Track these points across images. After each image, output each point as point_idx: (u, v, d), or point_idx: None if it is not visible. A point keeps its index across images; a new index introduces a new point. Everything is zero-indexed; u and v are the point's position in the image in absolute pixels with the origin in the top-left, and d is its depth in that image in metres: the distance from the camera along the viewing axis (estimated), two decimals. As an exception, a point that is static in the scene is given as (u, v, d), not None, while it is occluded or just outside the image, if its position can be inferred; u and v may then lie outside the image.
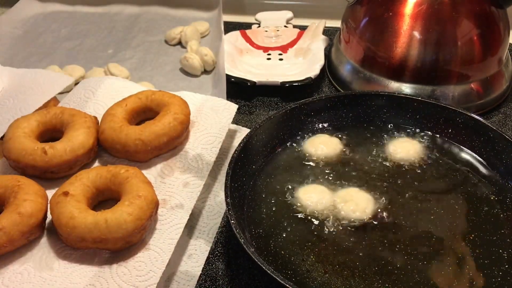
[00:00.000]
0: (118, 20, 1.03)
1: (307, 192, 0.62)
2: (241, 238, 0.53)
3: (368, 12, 0.80)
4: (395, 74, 0.77)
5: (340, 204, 0.61)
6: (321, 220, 0.59)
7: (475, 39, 0.76)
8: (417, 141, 0.69)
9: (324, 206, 0.61)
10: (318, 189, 0.63)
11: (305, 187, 0.63)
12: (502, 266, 0.55)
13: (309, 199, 0.61)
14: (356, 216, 0.59)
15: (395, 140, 0.69)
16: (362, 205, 0.60)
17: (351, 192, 0.62)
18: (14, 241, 0.55)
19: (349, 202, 0.60)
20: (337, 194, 0.62)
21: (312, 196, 0.62)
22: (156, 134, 0.64)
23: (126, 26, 1.01)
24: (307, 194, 0.62)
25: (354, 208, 0.60)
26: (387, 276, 0.54)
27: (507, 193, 0.62)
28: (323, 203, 0.61)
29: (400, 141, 0.69)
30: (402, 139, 0.69)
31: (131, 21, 1.02)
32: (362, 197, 0.61)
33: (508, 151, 0.64)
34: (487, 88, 0.79)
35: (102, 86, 0.75)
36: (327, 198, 0.61)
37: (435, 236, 0.58)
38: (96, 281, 0.53)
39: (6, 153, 0.64)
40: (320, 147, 0.68)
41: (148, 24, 1.02)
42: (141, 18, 1.03)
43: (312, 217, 0.60)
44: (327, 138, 0.69)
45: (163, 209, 0.60)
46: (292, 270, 0.55)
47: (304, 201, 0.61)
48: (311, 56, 0.88)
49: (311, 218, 0.60)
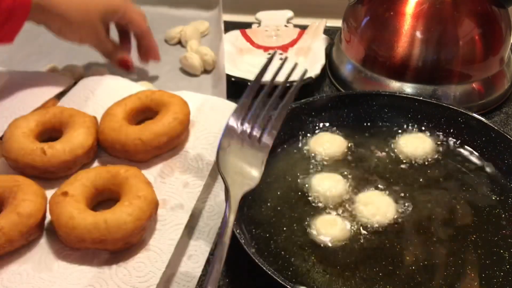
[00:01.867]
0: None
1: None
2: (242, 239, 0.52)
3: (369, 12, 0.80)
4: (396, 74, 0.77)
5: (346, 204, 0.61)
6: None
7: (476, 38, 0.75)
8: (417, 138, 0.68)
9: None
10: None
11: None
12: (504, 267, 0.55)
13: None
14: (358, 218, 0.59)
15: (395, 140, 0.68)
16: (379, 208, 0.60)
17: (369, 194, 0.62)
18: (13, 242, 0.55)
19: (361, 203, 0.60)
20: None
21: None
22: (156, 134, 0.64)
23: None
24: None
25: (359, 209, 0.60)
26: (388, 277, 0.54)
27: (508, 193, 0.62)
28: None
29: (400, 141, 0.68)
30: (403, 138, 0.68)
31: (131, 21, 1.02)
32: (377, 199, 0.61)
33: (510, 151, 0.63)
34: (488, 87, 0.79)
35: (102, 86, 0.75)
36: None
37: (435, 236, 0.58)
38: (95, 282, 0.53)
39: (5, 153, 0.64)
40: (322, 146, 0.67)
41: (148, 23, 1.01)
42: (141, 17, 1.03)
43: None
44: (331, 136, 0.69)
45: (163, 210, 0.60)
46: (292, 270, 0.55)
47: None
48: (311, 56, 0.87)
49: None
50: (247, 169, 0.56)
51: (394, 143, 0.68)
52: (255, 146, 0.57)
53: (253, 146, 0.57)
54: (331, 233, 0.57)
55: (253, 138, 0.58)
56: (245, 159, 0.56)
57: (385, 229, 0.58)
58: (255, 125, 0.59)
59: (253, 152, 0.57)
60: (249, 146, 0.57)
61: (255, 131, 0.58)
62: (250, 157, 0.56)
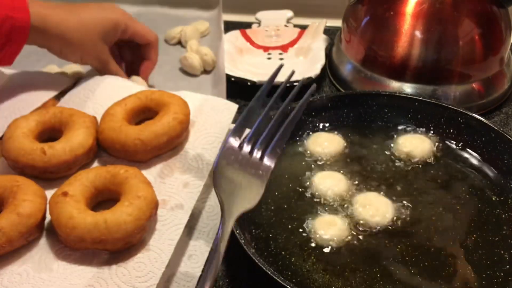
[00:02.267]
0: (118, 20, 1.03)
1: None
2: (242, 239, 0.52)
3: (369, 12, 0.80)
4: (396, 74, 0.77)
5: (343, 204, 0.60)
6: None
7: (476, 38, 0.75)
8: (417, 138, 0.68)
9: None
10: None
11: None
12: (504, 267, 0.55)
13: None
14: (357, 219, 0.59)
15: (395, 140, 0.68)
16: (378, 209, 0.60)
17: (367, 196, 0.62)
18: (13, 242, 0.55)
19: (360, 205, 0.60)
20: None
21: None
22: (155, 134, 0.64)
23: (126, 26, 1.01)
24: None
25: (358, 211, 0.60)
26: (388, 277, 0.54)
27: (508, 194, 0.62)
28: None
29: (400, 140, 0.68)
30: (402, 138, 0.68)
31: (131, 21, 1.02)
32: (376, 200, 0.61)
33: (510, 151, 0.63)
34: (488, 88, 0.79)
35: (102, 86, 0.75)
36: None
37: (435, 236, 0.58)
38: (95, 282, 0.53)
39: (5, 153, 0.64)
40: (322, 146, 0.67)
41: (148, 23, 1.01)
42: (141, 17, 1.03)
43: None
44: (328, 136, 0.69)
45: (163, 210, 0.60)
46: (292, 271, 0.55)
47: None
48: (311, 56, 0.87)
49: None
50: (245, 190, 0.52)
51: (394, 143, 0.68)
52: (255, 166, 0.54)
53: (253, 166, 0.54)
54: (330, 233, 0.57)
55: (253, 158, 0.54)
56: (243, 179, 0.53)
57: (384, 229, 0.58)
58: (257, 143, 0.55)
59: (253, 173, 0.53)
60: (249, 166, 0.54)
61: (255, 150, 0.55)
62: (249, 177, 0.53)
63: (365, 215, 0.58)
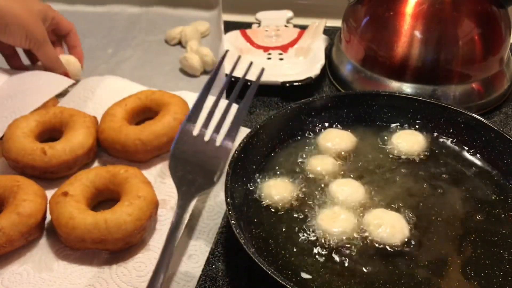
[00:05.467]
0: (118, 20, 1.03)
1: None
2: (242, 239, 0.52)
3: (369, 12, 0.80)
4: (396, 74, 0.77)
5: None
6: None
7: (476, 38, 0.75)
8: (416, 135, 0.68)
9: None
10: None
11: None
12: (503, 267, 0.55)
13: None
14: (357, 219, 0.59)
15: (394, 139, 0.68)
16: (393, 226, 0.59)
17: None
18: (13, 242, 0.55)
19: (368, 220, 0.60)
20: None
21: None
22: (155, 134, 0.64)
23: (126, 26, 1.01)
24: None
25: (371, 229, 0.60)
26: (388, 276, 0.54)
27: (508, 193, 0.62)
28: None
29: (398, 140, 0.68)
30: (400, 138, 0.68)
31: (131, 21, 1.02)
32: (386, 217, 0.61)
33: (510, 151, 0.63)
34: (488, 88, 0.79)
35: (102, 86, 0.75)
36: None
37: (435, 236, 0.58)
38: (95, 282, 0.53)
39: (5, 153, 0.64)
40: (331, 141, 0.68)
41: (148, 24, 1.02)
42: (141, 18, 1.03)
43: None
44: (339, 132, 0.69)
45: (163, 210, 0.60)
46: (292, 270, 0.55)
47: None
48: (311, 56, 0.87)
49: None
50: (202, 172, 0.54)
51: (393, 143, 0.68)
52: (212, 149, 0.55)
53: (210, 148, 0.55)
54: (330, 233, 0.57)
55: (210, 140, 0.56)
56: (200, 162, 0.54)
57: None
58: (211, 127, 0.56)
59: (211, 155, 0.55)
60: (205, 149, 0.55)
61: (212, 134, 0.56)
62: (205, 159, 0.55)
63: (375, 231, 0.58)
